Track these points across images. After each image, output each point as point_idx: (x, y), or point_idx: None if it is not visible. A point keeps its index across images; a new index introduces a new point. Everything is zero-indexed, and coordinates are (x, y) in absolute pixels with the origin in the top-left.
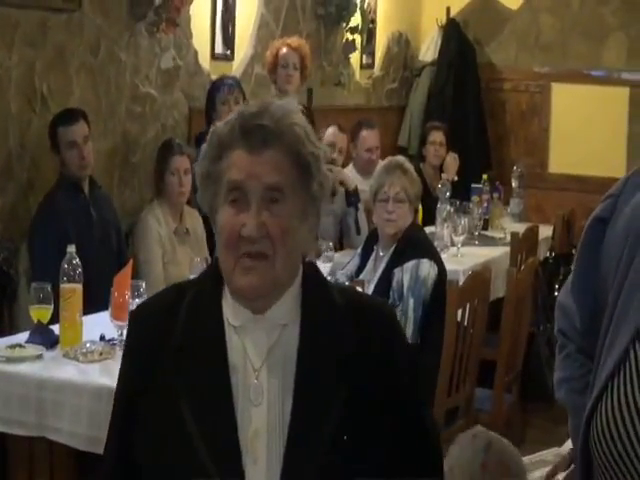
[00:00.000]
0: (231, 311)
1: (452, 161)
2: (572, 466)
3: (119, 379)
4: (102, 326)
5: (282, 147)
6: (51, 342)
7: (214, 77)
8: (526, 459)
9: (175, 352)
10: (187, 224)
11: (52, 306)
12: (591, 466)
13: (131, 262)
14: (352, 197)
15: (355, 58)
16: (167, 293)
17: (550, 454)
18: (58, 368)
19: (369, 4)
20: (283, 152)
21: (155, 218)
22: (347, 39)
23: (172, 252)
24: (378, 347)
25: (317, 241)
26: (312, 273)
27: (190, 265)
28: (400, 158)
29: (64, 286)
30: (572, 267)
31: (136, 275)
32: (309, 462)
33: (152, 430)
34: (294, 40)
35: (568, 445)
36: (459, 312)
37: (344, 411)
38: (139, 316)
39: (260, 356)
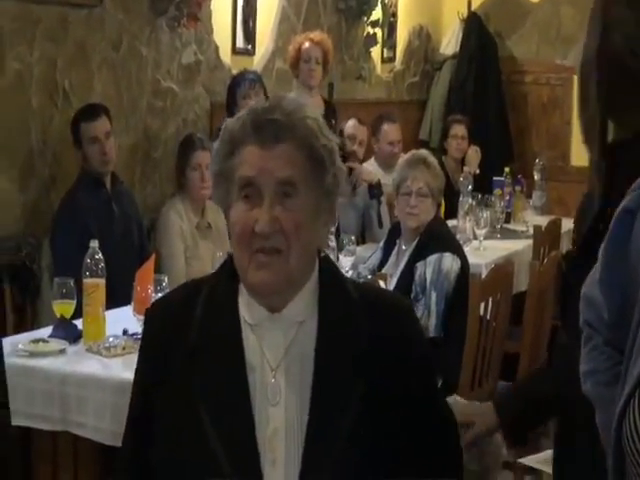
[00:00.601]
0: (247, 309)
1: (474, 154)
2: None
3: (135, 375)
4: (125, 321)
5: (294, 141)
6: (74, 337)
7: (235, 72)
8: (551, 452)
9: (191, 350)
10: (209, 219)
11: (75, 301)
12: (624, 463)
13: (153, 257)
14: (374, 190)
15: (376, 52)
16: (183, 289)
17: None
18: (81, 363)
19: None
20: (295, 146)
21: (177, 213)
22: (368, 33)
23: (194, 247)
24: (394, 342)
25: (340, 236)
26: (328, 268)
27: (212, 260)
28: (423, 152)
29: (87, 281)
30: (599, 258)
31: (158, 270)
32: (327, 459)
33: (168, 427)
34: (317, 35)
35: None
36: (482, 305)
37: (361, 407)
38: (155, 312)
39: (277, 355)
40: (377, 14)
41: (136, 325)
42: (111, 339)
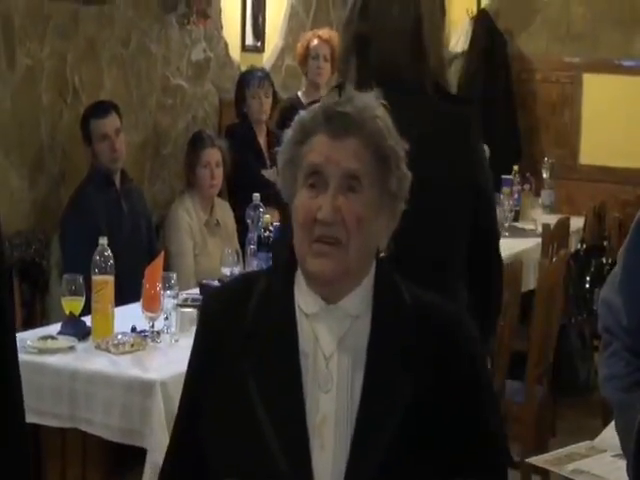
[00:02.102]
0: (303, 299)
1: None
2: None
3: (189, 365)
4: (133, 318)
5: (362, 137)
6: (83, 334)
7: (244, 69)
8: (559, 452)
9: (246, 336)
10: (217, 216)
11: (84, 298)
12: None
13: (162, 254)
14: None
15: None
16: (240, 279)
17: (582, 447)
18: (90, 360)
19: None
20: (363, 142)
21: (186, 210)
22: None
23: (203, 244)
24: (443, 344)
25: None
26: (385, 269)
27: (221, 257)
28: None
29: (96, 278)
30: (618, 263)
31: (167, 267)
32: (376, 450)
33: (221, 414)
34: (325, 32)
35: (600, 438)
36: None
37: (410, 403)
38: (211, 300)
39: (331, 344)
40: None
41: (144, 322)
42: (120, 336)
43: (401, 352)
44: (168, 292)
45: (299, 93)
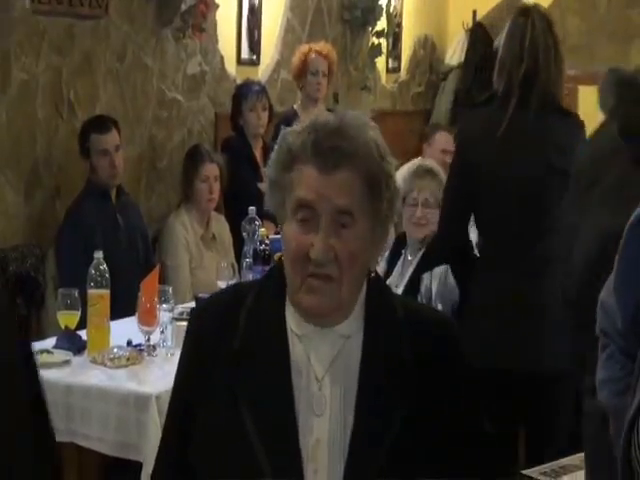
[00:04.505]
0: (294, 320)
1: None
2: None
3: (176, 380)
4: (129, 332)
5: (354, 167)
6: (78, 348)
7: (240, 82)
8: (554, 464)
9: (236, 356)
10: (214, 230)
11: (79, 312)
12: (633, 476)
13: (158, 267)
14: None
15: (381, 62)
16: (228, 293)
17: (577, 459)
18: (86, 374)
19: (395, 8)
20: (354, 172)
21: (182, 224)
22: (373, 43)
23: (199, 257)
24: (438, 361)
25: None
26: (376, 286)
27: (217, 270)
28: (428, 162)
29: (91, 292)
30: (614, 267)
31: (163, 281)
32: (370, 473)
33: (211, 435)
34: (323, 46)
35: None
36: None
37: (404, 423)
38: (200, 315)
39: (323, 366)
40: (382, 24)
41: (140, 336)
42: (115, 350)
43: (395, 369)
44: (164, 306)
45: (295, 106)
